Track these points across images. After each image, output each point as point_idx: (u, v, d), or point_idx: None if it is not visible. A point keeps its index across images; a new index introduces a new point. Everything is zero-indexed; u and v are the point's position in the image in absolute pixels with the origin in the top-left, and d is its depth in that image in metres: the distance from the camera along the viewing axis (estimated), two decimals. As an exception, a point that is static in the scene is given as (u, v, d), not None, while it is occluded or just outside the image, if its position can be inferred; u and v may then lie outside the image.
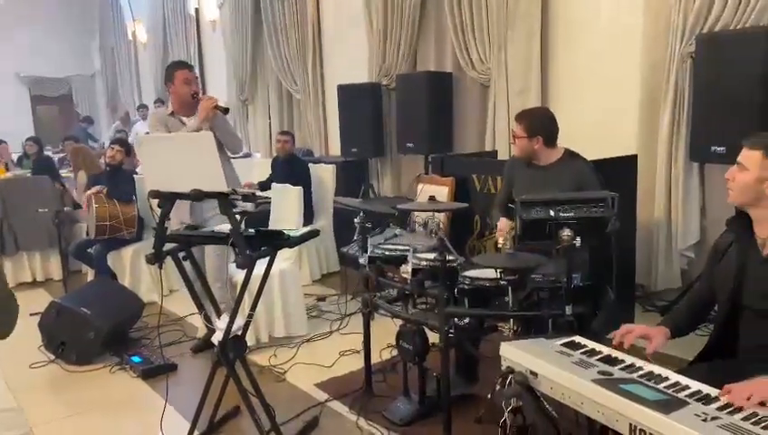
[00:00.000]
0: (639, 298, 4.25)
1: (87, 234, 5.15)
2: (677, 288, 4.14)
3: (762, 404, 1.60)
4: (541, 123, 3.07)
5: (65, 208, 5.26)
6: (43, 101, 14.57)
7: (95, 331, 3.79)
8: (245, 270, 2.51)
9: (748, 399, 1.60)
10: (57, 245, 5.30)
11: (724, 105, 3.41)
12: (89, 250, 5.04)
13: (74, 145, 7.65)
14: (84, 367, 3.79)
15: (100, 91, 14.86)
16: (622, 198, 3.82)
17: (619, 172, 3.87)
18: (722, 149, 3.41)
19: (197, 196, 2.38)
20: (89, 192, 4.96)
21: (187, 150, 2.42)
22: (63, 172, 8.14)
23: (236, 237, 2.42)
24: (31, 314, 4.19)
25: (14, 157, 8.09)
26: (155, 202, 2.54)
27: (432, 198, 2.79)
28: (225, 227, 2.56)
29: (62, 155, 9.54)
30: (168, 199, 2.45)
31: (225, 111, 3.56)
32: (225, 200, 2.41)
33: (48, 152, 10.19)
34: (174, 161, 2.44)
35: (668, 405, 1.62)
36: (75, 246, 5.21)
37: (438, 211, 2.58)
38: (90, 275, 5.24)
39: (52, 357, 3.90)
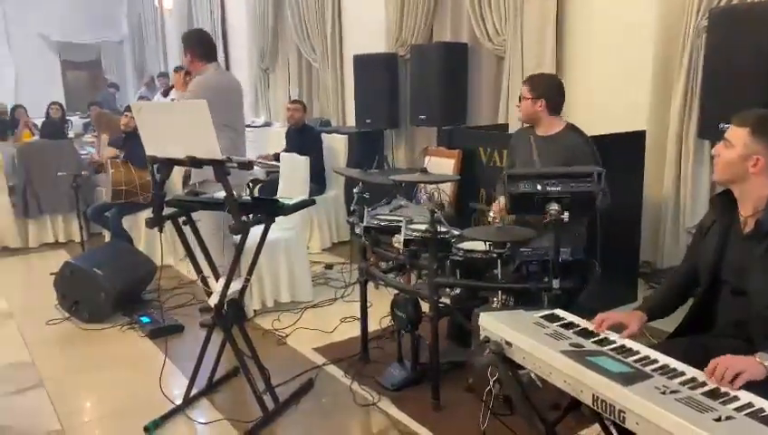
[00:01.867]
0: (645, 275, 4.24)
1: (105, 198, 5.30)
2: (683, 266, 4.10)
3: (736, 377, 1.61)
4: (547, 87, 3.10)
5: (83, 172, 5.39)
6: (73, 67, 14.77)
7: (106, 291, 3.93)
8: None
9: (722, 378, 1.61)
10: (76, 208, 5.45)
11: (735, 81, 3.33)
12: (106, 214, 5.18)
13: (98, 110, 7.83)
14: (96, 325, 3.94)
15: (128, 58, 15.01)
16: (630, 174, 3.84)
17: (627, 148, 3.84)
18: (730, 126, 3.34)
19: (192, 162, 2.45)
20: (105, 155, 5.09)
21: (183, 118, 2.48)
22: (88, 137, 8.34)
23: (230, 204, 2.49)
24: (51, 274, 4.36)
25: (38, 122, 8.27)
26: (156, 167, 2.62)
27: (424, 170, 2.82)
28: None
29: (88, 120, 9.75)
30: (164, 165, 2.52)
31: None
32: (219, 167, 2.47)
33: (75, 117, 10.42)
34: (170, 128, 2.50)
35: (630, 378, 1.64)
36: (93, 210, 5.36)
37: (430, 183, 2.60)
38: (108, 238, 5.40)
39: (67, 315, 4.07)
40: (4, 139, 6.64)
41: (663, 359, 1.78)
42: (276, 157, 5.61)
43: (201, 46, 3.74)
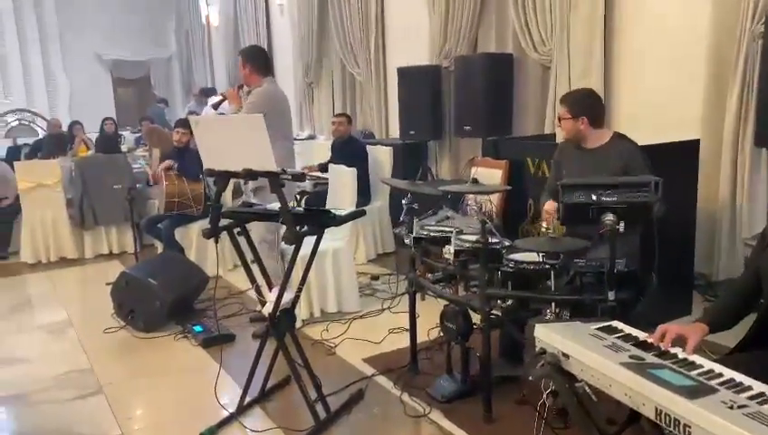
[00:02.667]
0: (699, 287, 4.13)
1: (158, 210, 5.45)
2: (740, 278, 3.99)
3: None
4: (584, 103, 3.08)
5: (137, 185, 5.57)
6: (124, 83, 15.29)
7: (160, 301, 4.04)
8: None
9: None
10: (131, 219, 5.62)
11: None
12: (158, 225, 5.32)
13: (149, 125, 8.08)
14: (151, 334, 4.05)
15: (176, 73, 15.45)
16: (683, 184, 3.76)
17: (681, 157, 3.77)
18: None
19: (248, 175, 2.51)
20: (160, 166, 5.24)
21: (239, 131, 2.55)
22: (139, 151, 8.61)
23: (285, 215, 2.54)
24: (107, 284, 4.52)
25: (93, 136, 8.58)
26: (211, 180, 2.69)
27: (475, 181, 2.82)
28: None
29: (139, 135, 10.06)
30: (221, 177, 2.58)
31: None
32: (274, 179, 2.53)
33: (126, 132, 10.78)
34: (227, 142, 2.57)
35: (695, 391, 1.61)
36: (146, 221, 5.52)
37: (480, 193, 2.59)
38: (160, 248, 5.54)
39: (123, 324, 4.19)
40: (64, 154, 6.87)
41: (728, 373, 1.74)
42: (321, 167, 5.70)
43: (260, 60, 3.93)
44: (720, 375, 1.73)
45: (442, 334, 3.13)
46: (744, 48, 3.80)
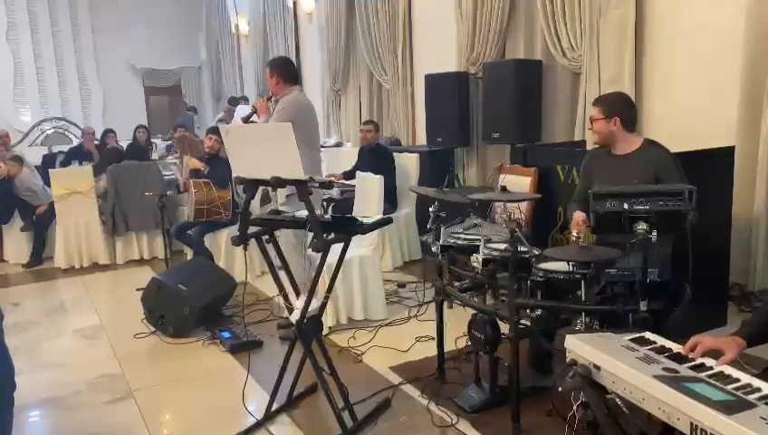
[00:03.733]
0: (734, 297, 4.03)
1: (188, 217, 5.52)
2: (778, 288, 3.88)
3: None
4: (618, 105, 3.05)
5: (168, 192, 5.64)
6: (155, 92, 15.58)
7: (190, 307, 4.08)
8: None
9: None
10: (161, 226, 5.70)
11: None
12: (188, 232, 5.39)
13: (181, 133, 8.19)
14: (180, 340, 4.10)
15: (206, 82, 15.69)
16: (718, 192, 3.67)
17: (715, 165, 3.68)
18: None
19: (277, 183, 2.52)
20: (191, 165, 5.30)
21: (269, 140, 2.57)
22: (170, 159, 8.72)
23: (313, 222, 2.55)
24: (137, 290, 4.58)
25: (125, 144, 8.71)
26: (241, 188, 2.71)
27: (504, 189, 2.79)
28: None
29: (170, 142, 10.20)
30: (250, 186, 2.60)
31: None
32: (302, 187, 2.54)
33: (157, 139, 10.94)
34: (257, 150, 2.59)
35: (733, 406, 1.57)
36: (176, 228, 5.59)
37: (509, 202, 2.56)
38: (190, 255, 5.61)
39: (153, 329, 4.24)
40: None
41: (767, 387, 1.69)
42: (346, 175, 5.72)
43: (287, 70, 4.02)
44: (758, 390, 1.68)
45: (470, 344, 3.10)
46: (781, 52, 3.71)
